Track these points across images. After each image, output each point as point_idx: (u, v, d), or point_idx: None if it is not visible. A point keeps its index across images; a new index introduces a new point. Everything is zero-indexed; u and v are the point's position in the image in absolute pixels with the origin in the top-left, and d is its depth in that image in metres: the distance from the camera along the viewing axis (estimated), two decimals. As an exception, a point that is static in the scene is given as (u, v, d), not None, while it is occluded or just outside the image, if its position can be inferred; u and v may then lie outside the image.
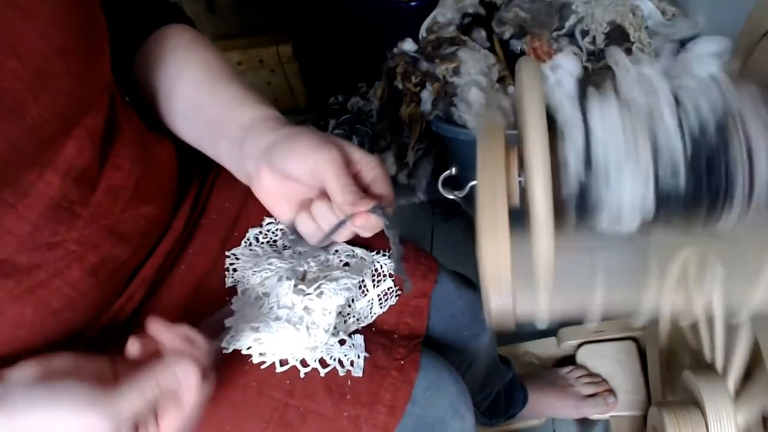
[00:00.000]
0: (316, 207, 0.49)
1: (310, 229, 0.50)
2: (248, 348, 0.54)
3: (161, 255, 0.57)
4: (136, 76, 0.57)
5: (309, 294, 0.55)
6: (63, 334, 0.50)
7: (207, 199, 0.65)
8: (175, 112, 0.56)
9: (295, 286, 0.56)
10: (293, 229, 0.52)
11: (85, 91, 0.46)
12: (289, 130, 0.49)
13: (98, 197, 0.48)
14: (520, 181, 0.41)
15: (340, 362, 0.54)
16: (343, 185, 0.46)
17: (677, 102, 0.41)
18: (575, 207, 0.44)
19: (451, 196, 0.47)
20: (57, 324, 0.48)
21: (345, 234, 0.50)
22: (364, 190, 0.48)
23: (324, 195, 0.49)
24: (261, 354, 0.54)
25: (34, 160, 0.42)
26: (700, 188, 0.43)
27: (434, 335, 0.66)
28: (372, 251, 0.64)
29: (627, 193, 0.42)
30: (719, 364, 0.78)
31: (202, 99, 0.54)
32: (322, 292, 0.55)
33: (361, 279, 0.59)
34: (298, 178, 0.48)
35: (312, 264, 0.60)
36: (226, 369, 0.53)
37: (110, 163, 0.49)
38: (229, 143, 0.52)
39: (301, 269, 0.59)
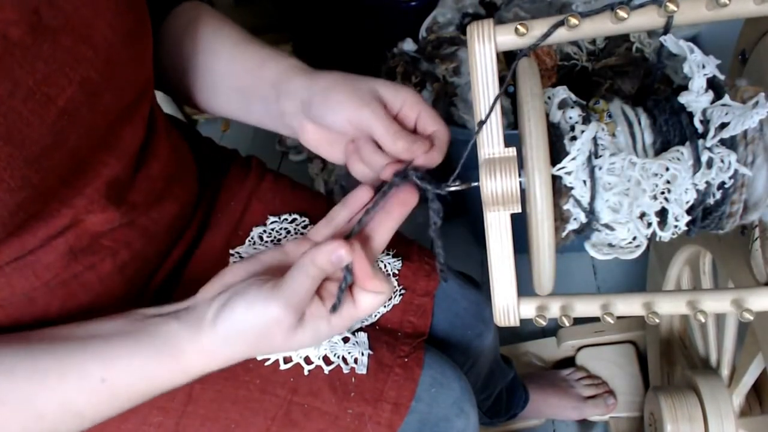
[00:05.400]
0: (365, 152, 0.48)
1: (363, 171, 0.49)
2: None
3: (176, 255, 0.58)
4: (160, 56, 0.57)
5: None
6: None
7: (215, 198, 0.65)
8: (204, 87, 0.56)
9: None
10: (347, 175, 0.51)
11: (142, 78, 0.48)
12: (321, 84, 0.48)
13: (139, 183, 0.50)
14: (521, 182, 0.41)
15: (344, 360, 0.54)
16: (393, 133, 0.45)
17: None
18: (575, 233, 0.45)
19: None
20: (77, 318, 0.48)
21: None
22: (413, 129, 0.48)
23: (371, 138, 0.47)
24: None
25: (101, 145, 0.45)
26: (695, 222, 0.44)
27: (438, 334, 0.66)
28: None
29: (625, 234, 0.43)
30: (713, 358, 0.79)
31: (227, 68, 0.54)
32: None
33: None
34: (343, 132, 0.47)
35: None
36: (231, 366, 0.53)
37: (152, 152, 0.51)
38: (263, 104, 0.53)
39: None
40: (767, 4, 0.39)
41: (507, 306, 0.45)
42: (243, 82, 0.54)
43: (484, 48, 0.43)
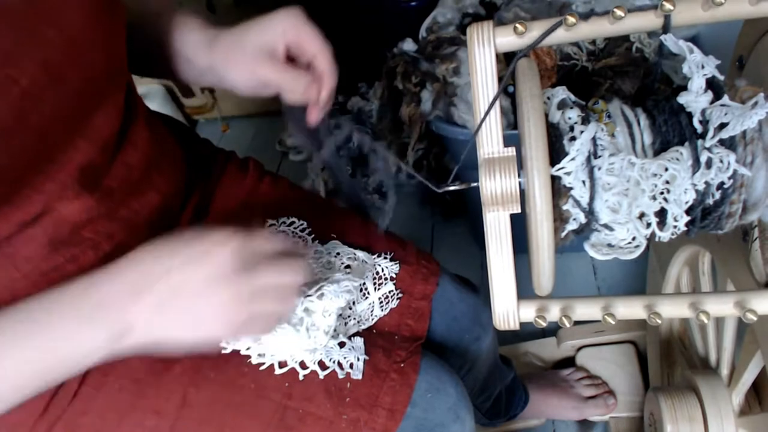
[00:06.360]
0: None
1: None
2: (247, 348, 0.54)
3: None
4: None
5: (310, 295, 0.55)
6: None
7: (211, 199, 0.65)
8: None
9: None
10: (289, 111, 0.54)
11: (113, 65, 0.48)
12: (218, 56, 0.53)
13: (116, 169, 0.50)
14: (520, 182, 0.41)
15: (340, 365, 0.54)
16: (286, 88, 0.51)
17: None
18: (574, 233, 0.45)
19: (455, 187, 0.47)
20: None
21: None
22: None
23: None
24: (260, 355, 0.54)
25: (71, 128, 0.45)
26: (694, 222, 0.44)
27: (436, 338, 0.66)
28: (373, 254, 0.64)
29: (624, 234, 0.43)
30: (712, 357, 0.79)
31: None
32: (323, 294, 0.55)
33: (362, 282, 0.59)
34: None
35: (314, 266, 0.59)
36: (225, 370, 0.53)
37: (129, 140, 0.52)
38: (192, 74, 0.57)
39: None
40: (762, 5, 0.39)
41: (506, 311, 0.44)
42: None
43: (483, 50, 0.43)
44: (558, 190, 0.42)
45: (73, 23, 0.42)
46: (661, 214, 0.43)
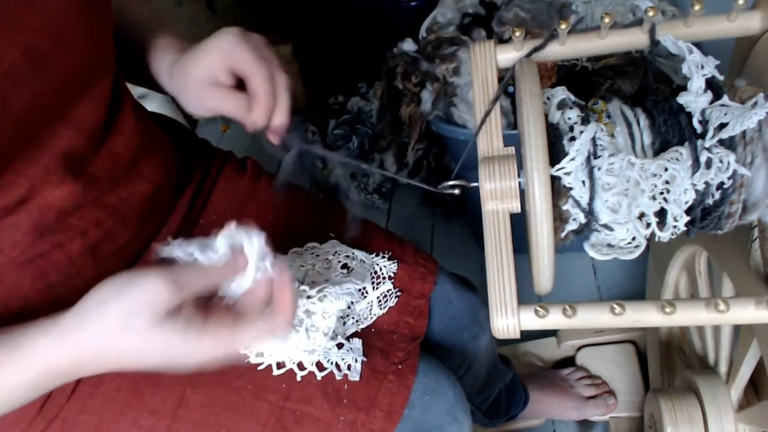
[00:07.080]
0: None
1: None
2: (245, 348, 0.54)
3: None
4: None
5: (311, 297, 0.55)
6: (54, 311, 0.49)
7: (208, 197, 0.65)
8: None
9: (297, 288, 0.56)
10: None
11: (99, 52, 0.49)
12: (175, 84, 0.53)
13: (101, 158, 0.50)
14: (520, 182, 0.42)
15: (338, 366, 0.54)
16: (239, 117, 0.50)
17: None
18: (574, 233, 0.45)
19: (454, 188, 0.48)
20: (50, 299, 0.48)
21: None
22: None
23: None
24: (258, 354, 0.54)
25: (53, 116, 0.45)
26: (694, 222, 0.43)
27: (434, 337, 0.66)
28: (371, 253, 0.63)
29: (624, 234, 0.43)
30: (711, 356, 0.79)
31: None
32: (325, 296, 0.55)
33: (364, 285, 0.59)
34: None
35: (316, 266, 0.60)
36: (223, 371, 0.53)
37: (115, 129, 0.52)
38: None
39: (303, 268, 0.59)
40: (739, 22, 0.40)
41: (506, 323, 0.43)
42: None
43: (486, 63, 0.44)
44: (558, 190, 0.42)
45: (58, 11, 0.43)
46: (661, 214, 0.43)
